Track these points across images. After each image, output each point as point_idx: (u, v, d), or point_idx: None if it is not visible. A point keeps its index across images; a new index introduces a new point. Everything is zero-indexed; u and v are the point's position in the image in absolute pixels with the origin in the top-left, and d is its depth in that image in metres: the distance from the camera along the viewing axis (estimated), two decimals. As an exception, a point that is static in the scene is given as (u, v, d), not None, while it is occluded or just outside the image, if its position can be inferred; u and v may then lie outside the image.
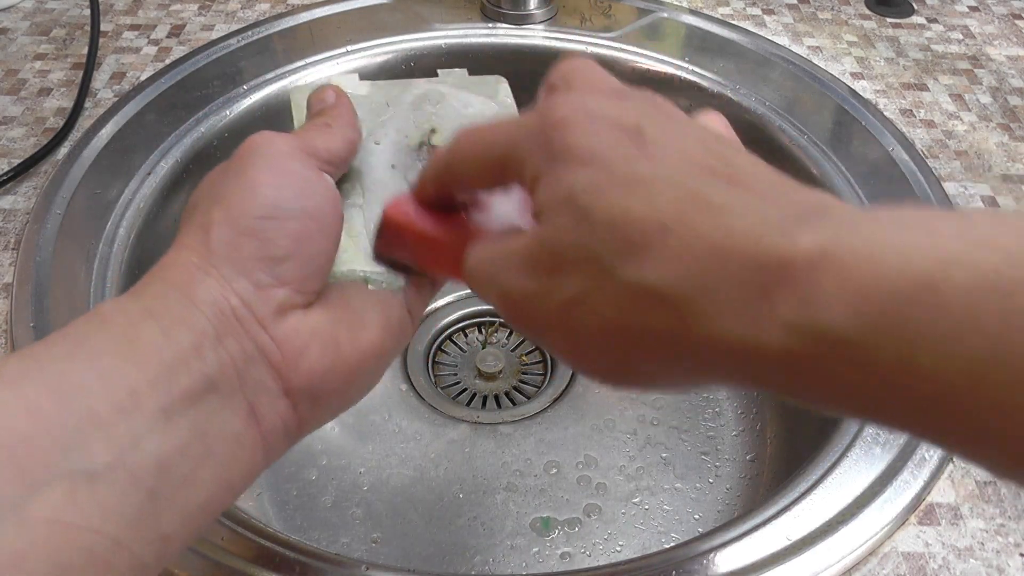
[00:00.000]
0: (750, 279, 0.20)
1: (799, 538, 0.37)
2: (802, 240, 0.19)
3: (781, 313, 0.19)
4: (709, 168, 0.22)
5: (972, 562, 0.37)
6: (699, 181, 0.22)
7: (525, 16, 0.67)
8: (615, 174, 0.22)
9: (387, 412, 0.58)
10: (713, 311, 0.20)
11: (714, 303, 0.20)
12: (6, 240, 0.51)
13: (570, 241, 0.22)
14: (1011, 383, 0.17)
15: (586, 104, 0.24)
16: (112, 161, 0.55)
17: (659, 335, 0.21)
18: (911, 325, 0.18)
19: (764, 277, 0.19)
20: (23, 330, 0.45)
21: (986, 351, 0.17)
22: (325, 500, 0.54)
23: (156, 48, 0.67)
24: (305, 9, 0.69)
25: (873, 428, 0.42)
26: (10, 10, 0.71)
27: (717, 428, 0.58)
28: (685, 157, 0.22)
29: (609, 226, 0.22)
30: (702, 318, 0.20)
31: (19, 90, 0.62)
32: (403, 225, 0.30)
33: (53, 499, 0.21)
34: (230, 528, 0.37)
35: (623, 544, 0.52)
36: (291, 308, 0.27)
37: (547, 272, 0.23)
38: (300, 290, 0.27)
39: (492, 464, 0.56)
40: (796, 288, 0.19)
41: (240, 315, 0.26)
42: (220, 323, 0.26)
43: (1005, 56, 0.68)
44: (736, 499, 0.54)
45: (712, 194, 0.21)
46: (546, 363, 0.64)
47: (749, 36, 0.67)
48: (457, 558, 0.51)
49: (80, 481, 0.22)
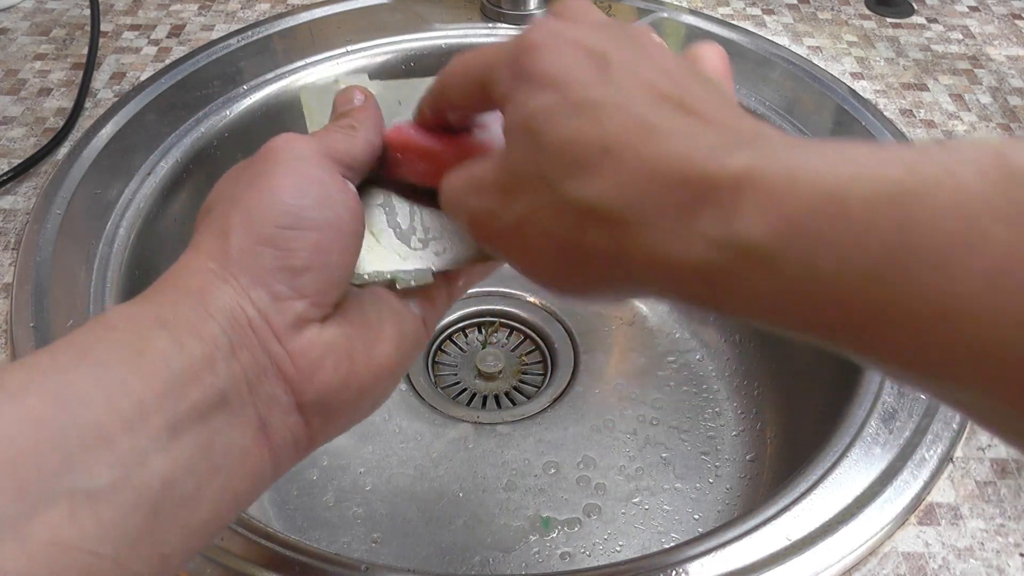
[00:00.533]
0: (679, 198, 0.21)
1: (799, 538, 0.37)
2: (729, 162, 0.21)
3: (704, 228, 0.21)
4: (664, 95, 0.23)
5: (972, 562, 0.37)
6: (649, 106, 0.23)
7: (525, 16, 0.67)
8: (569, 98, 0.23)
9: (387, 412, 0.58)
10: (644, 228, 0.22)
11: (645, 221, 0.22)
12: (6, 240, 0.51)
13: (524, 162, 0.24)
14: (904, 285, 0.18)
15: (561, 30, 0.25)
16: (112, 161, 0.55)
17: (596, 250, 0.23)
18: (816, 234, 0.19)
19: (692, 196, 0.21)
20: (23, 330, 0.45)
21: (882, 256, 0.18)
22: (325, 500, 0.54)
23: (156, 48, 0.67)
24: (305, 9, 0.69)
25: (873, 428, 0.42)
26: (10, 10, 0.71)
27: (717, 428, 0.58)
28: (643, 83, 0.23)
29: (557, 148, 0.23)
30: (634, 234, 0.22)
31: (19, 90, 0.62)
32: (403, 144, 0.31)
33: (53, 519, 0.21)
34: (230, 528, 0.37)
35: (623, 544, 0.52)
36: (308, 321, 0.26)
37: (505, 191, 0.25)
38: (318, 303, 0.27)
39: (492, 464, 0.56)
40: (719, 205, 0.20)
41: (256, 326, 0.25)
42: (235, 334, 0.25)
43: (1005, 56, 0.68)
44: (736, 499, 0.54)
45: (657, 119, 0.22)
46: (546, 363, 0.64)
47: (749, 36, 0.67)
48: (457, 558, 0.51)
49: (81, 501, 0.21)
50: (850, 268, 0.18)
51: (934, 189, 0.18)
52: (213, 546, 0.36)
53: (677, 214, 0.21)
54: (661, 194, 0.21)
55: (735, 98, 0.25)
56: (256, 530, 0.37)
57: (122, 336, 0.24)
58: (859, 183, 0.19)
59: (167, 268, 0.27)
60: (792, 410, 0.55)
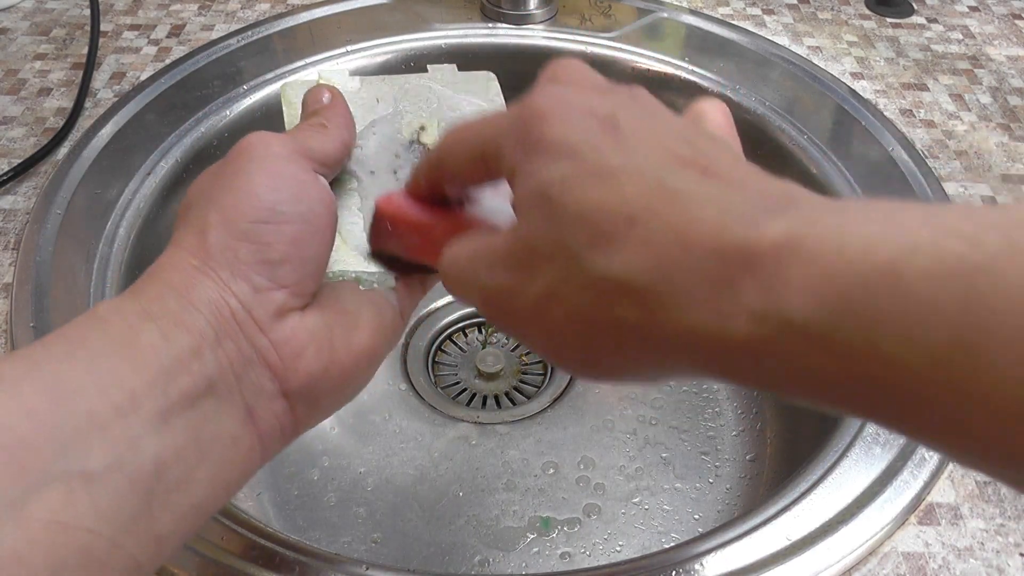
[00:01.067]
0: (715, 269, 0.20)
1: (799, 538, 0.37)
2: (768, 230, 0.19)
3: (745, 302, 0.19)
4: (681, 158, 0.22)
5: (972, 562, 0.37)
6: (670, 171, 0.22)
7: (525, 16, 0.67)
8: (586, 166, 0.22)
9: (387, 412, 0.58)
10: (678, 301, 0.20)
11: (679, 293, 0.20)
12: (6, 240, 0.51)
13: (543, 235, 0.23)
14: (973, 368, 0.16)
15: (565, 96, 0.24)
16: (112, 161, 0.55)
17: (627, 327, 0.21)
18: (873, 310, 0.17)
19: (729, 266, 0.20)
20: (23, 330, 0.45)
21: (948, 335, 0.17)
22: (325, 500, 0.54)
23: (156, 48, 0.67)
24: (305, 9, 0.69)
25: (873, 428, 0.42)
26: (10, 10, 0.71)
27: (717, 428, 0.58)
28: (658, 147, 0.22)
29: (578, 219, 0.22)
30: (668, 309, 0.20)
31: (19, 90, 0.62)
32: (394, 216, 0.30)
33: (51, 500, 0.21)
34: (229, 527, 0.37)
35: (623, 544, 0.52)
36: (288, 311, 0.27)
37: (522, 267, 0.24)
38: (297, 292, 0.28)
39: (492, 464, 0.56)
40: (760, 277, 0.19)
41: (239, 317, 0.26)
42: (219, 325, 0.26)
43: (1005, 56, 0.68)
44: (736, 499, 0.54)
45: (681, 184, 0.21)
46: (546, 363, 0.64)
47: (749, 36, 0.67)
48: (457, 558, 0.51)
49: (77, 483, 0.22)
50: (913, 348, 0.17)
51: (1002, 264, 0.16)
52: (212, 546, 0.36)
53: (714, 286, 0.20)
54: (695, 265, 0.20)
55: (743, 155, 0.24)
56: (256, 530, 0.37)
57: (112, 328, 0.25)
58: (918, 257, 0.17)
59: (166, 267, 0.27)
60: (792, 410, 0.55)
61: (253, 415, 0.27)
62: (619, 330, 0.22)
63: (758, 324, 0.19)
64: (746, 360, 0.20)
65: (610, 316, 0.22)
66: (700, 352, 0.21)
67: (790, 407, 0.56)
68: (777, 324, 0.19)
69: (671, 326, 0.20)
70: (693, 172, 0.22)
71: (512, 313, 0.24)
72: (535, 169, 0.23)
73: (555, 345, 0.24)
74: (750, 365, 0.20)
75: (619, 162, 0.22)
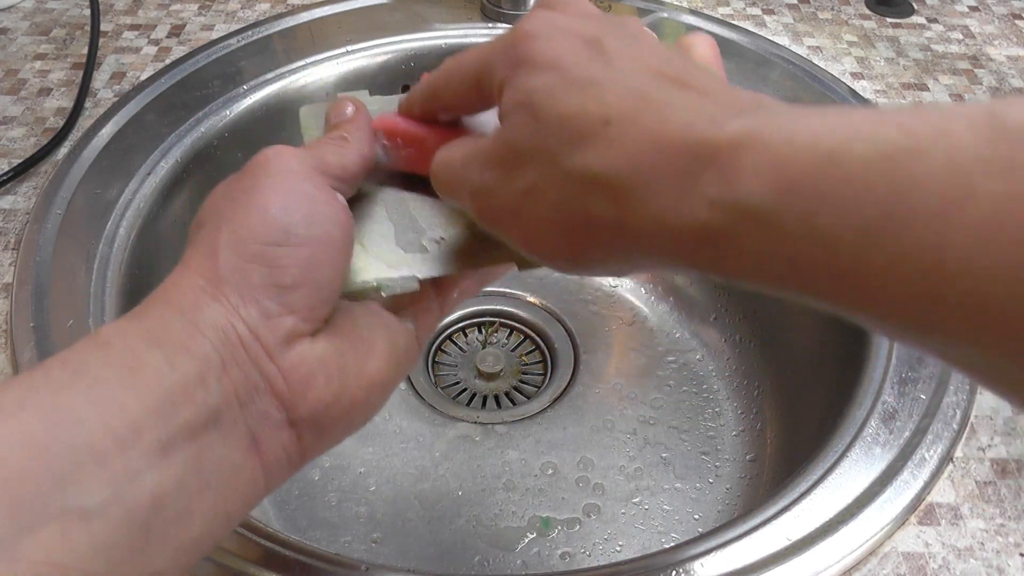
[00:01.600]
0: (680, 163, 0.21)
1: (799, 538, 0.37)
2: (729, 127, 0.21)
3: (705, 192, 0.21)
4: (660, 73, 0.24)
5: (972, 562, 0.37)
6: (647, 83, 0.23)
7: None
8: (569, 77, 0.24)
9: (387, 412, 0.58)
10: (647, 194, 0.22)
11: (647, 187, 0.22)
12: (6, 240, 0.51)
13: (525, 136, 0.24)
14: (901, 242, 0.18)
15: (554, 19, 0.26)
16: (112, 161, 0.55)
17: (600, 219, 0.23)
18: (814, 194, 0.19)
19: (693, 161, 0.21)
20: (23, 330, 0.45)
21: (878, 211, 0.18)
22: (325, 500, 0.54)
23: (156, 48, 0.67)
24: (305, 9, 0.69)
25: (873, 428, 0.42)
26: (10, 10, 0.71)
27: (717, 428, 0.58)
28: (640, 65, 0.24)
29: (558, 120, 0.24)
30: (637, 201, 0.22)
31: (19, 90, 0.62)
32: (391, 130, 0.31)
33: (46, 538, 0.21)
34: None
35: (623, 544, 0.52)
36: (298, 337, 0.26)
37: (506, 166, 0.25)
38: (308, 318, 0.26)
39: (492, 464, 0.56)
40: (718, 167, 0.21)
41: (247, 344, 0.25)
42: (226, 351, 0.25)
43: (1005, 56, 0.68)
44: (736, 499, 0.54)
45: (657, 93, 0.23)
46: (546, 363, 0.64)
47: (749, 36, 0.67)
48: (457, 558, 0.51)
49: (74, 519, 0.21)
50: (848, 226, 0.18)
51: (929, 147, 0.18)
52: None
53: (679, 179, 0.21)
54: (663, 160, 0.22)
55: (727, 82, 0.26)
56: (256, 530, 0.37)
57: (115, 353, 0.24)
58: (856, 143, 0.19)
59: (167, 268, 0.27)
60: (792, 410, 0.55)
61: (258, 444, 0.26)
62: (594, 222, 0.23)
63: (716, 211, 0.21)
64: (707, 248, 0.21)
65: (585, 209, 0.23)
66: (666, 242, 0.22)
67: (790, 407, 0.56)
68: (732, 210, 0.20)
69: (640, 217, 0.22)
70: (670, 83, 0.23)
71: (498, 209, 0.26)
72: (520, 80, 0.25)
73: (537, 238, 0.25)
74: (710, 253, 0.21)
75: (600, 75, 0.24)
